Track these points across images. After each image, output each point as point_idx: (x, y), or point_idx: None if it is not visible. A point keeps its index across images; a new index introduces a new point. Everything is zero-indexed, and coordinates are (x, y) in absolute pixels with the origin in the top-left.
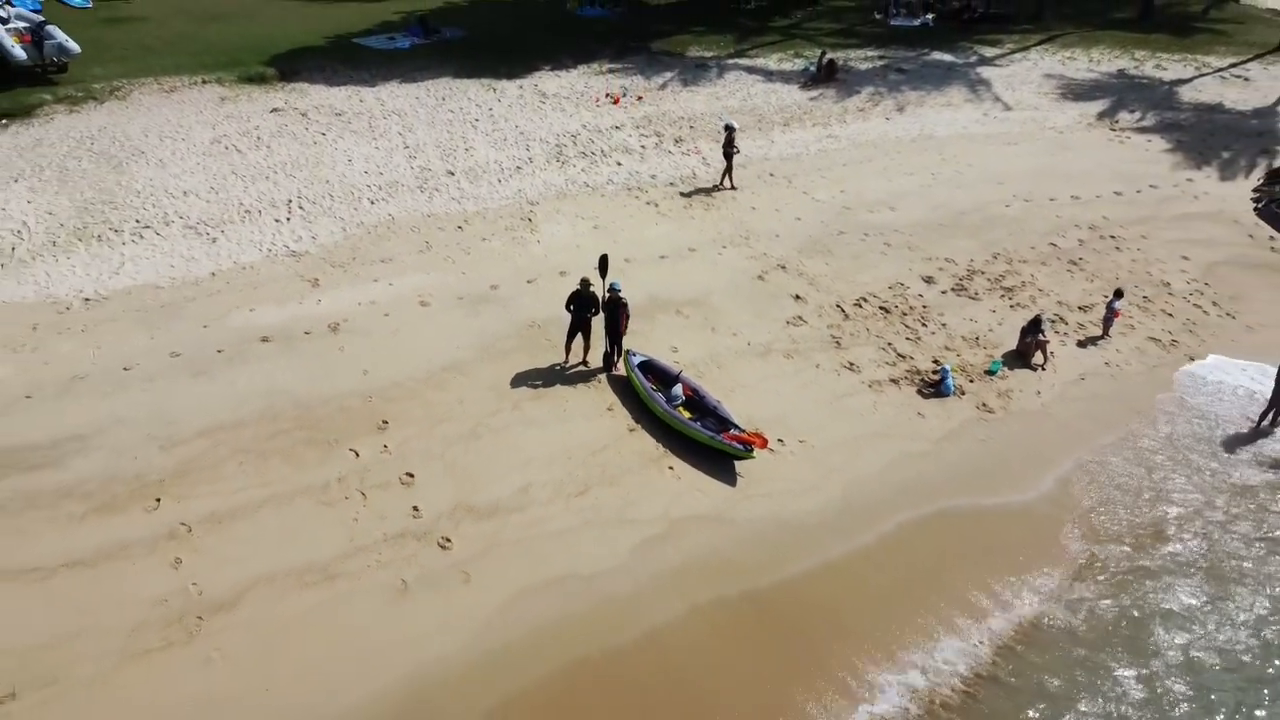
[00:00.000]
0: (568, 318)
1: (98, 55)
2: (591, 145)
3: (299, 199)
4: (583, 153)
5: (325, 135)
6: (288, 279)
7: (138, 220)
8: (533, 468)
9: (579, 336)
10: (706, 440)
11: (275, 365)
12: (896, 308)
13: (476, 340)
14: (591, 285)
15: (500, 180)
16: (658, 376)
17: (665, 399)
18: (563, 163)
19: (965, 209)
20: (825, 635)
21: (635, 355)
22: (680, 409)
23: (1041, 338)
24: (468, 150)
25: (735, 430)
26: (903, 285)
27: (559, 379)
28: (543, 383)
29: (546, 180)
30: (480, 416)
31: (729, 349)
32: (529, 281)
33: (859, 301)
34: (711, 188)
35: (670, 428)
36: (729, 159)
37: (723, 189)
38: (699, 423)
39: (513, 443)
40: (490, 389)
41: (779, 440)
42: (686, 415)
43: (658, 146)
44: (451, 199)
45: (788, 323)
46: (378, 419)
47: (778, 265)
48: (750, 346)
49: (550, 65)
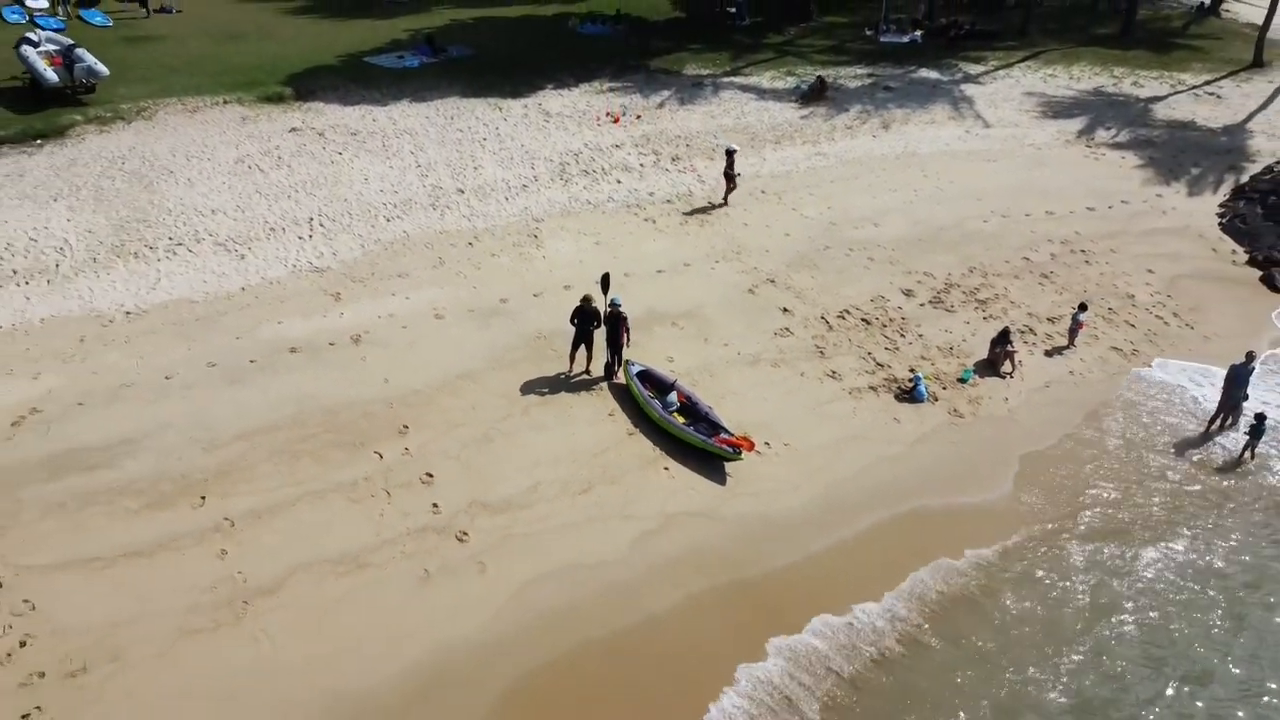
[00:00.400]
0: (572, 330)
1: (122, 75)
2: (593, 163)
3: (319, 217)
4: (585, 171)
5: (342, 155)
6: (312, 293)
7: (170, 238)
8: (541, 468)
9: (582, 347)
10: (699, 443)
11: (303, 374)
12: (877, 319)
13: (487, 351)
14: (593, 301)
15: (507, 198)
16: (655, 384)
17: (661, 405)
18: (566, 181)
19: (945, 224)
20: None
21: (634, 365)
22: (675, 415)
23: (1009, 348)
24: (476, 169)
25: (725, 434)
26: (883, 298)
27: (564, 387)
28: (549, 390)
29: (551, 198)
30: (492, 421)
31: (721, 359)
32: (535, 295)
33: (842, 314)
34: (713, 206)
35: (666, 432)
36: (730, 180)
37: (735, 204)
38: (692, 427)
39: (522, 445)
40: (501, 396)
41: (765, 443)
42: (681, 420)
43: (656, 164)
44: (462, 216)
45: (775, 334)
46: (398, 424)
47: (767, 279)
48: (740, 356)
49: (553, 84)
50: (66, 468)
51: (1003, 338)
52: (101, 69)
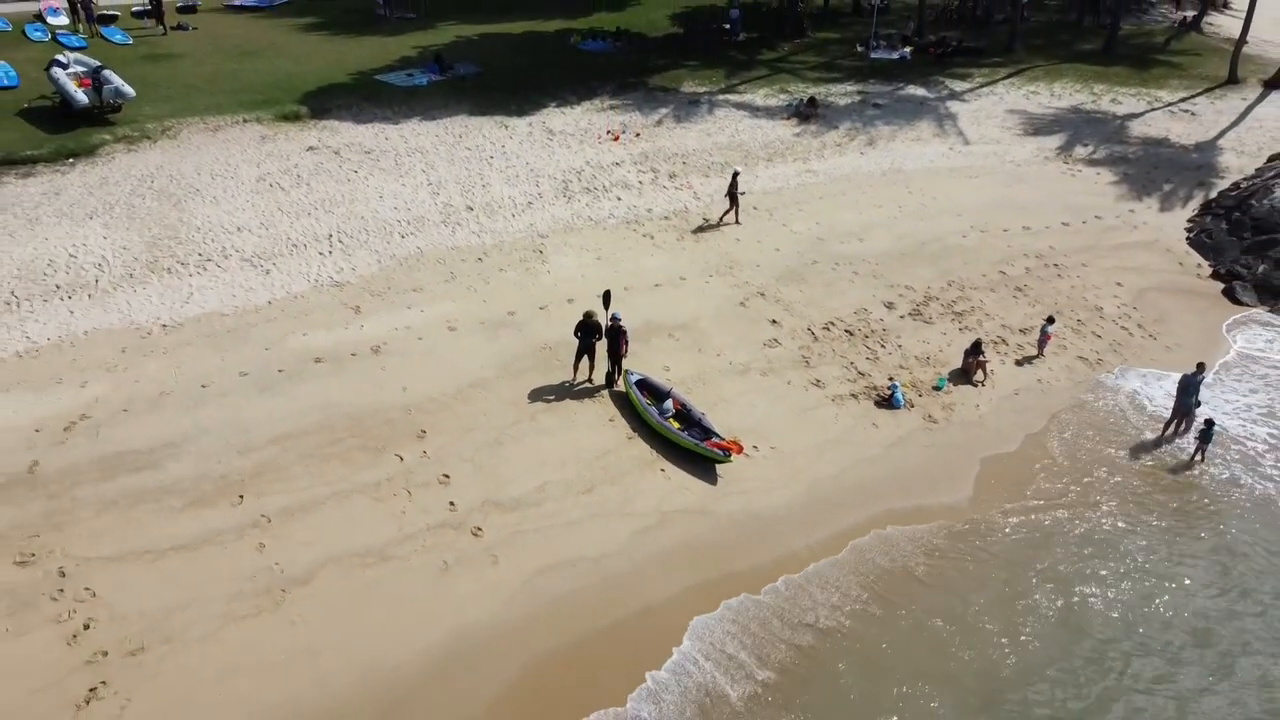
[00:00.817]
0: (575, 342)
1: (146, 93)
2: (594, 181)
3: (338, 233)
4: (586, 188)
5: (357, 173)
6: (333, 307)
7: (200, 254)
8: (547, 469)
9: (585, 358)
10: (692, 447)
11: (328, 383)
12: (859, 331)
13: (497, 360)
14: (595, 315)
15: (514, 215)
16: (652, 392)
17: (658, 412)
18: (569, 198)
19: (926, 239)
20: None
21: (633, 374)
22: (671, 420)
23: (981, 358)
24: (484, 187)
25: (716, 438)
26: (866, 310)
27: (568, 394)
28: (554, 397)
29: (555, 215)
30: (502, 426)
31: (713, 368)
32: (541, 308)
33: (827, 325)
34: (708, 222)
35: (662, 436)
36: (734, 199)
37: (731, 223)
38: (686, 432)
39: (530, 448)
40: (510, 403)
41: (753, 447)
42: (676, 426)
43: (654, 182)
44: (472, 233)
45: (765, 345)
46: (417, 429)
47: (758, 293)
48: (732, 366)
49: (556, 102)
50: (116, 469)
51: (975, 348)
52: (128, 90)
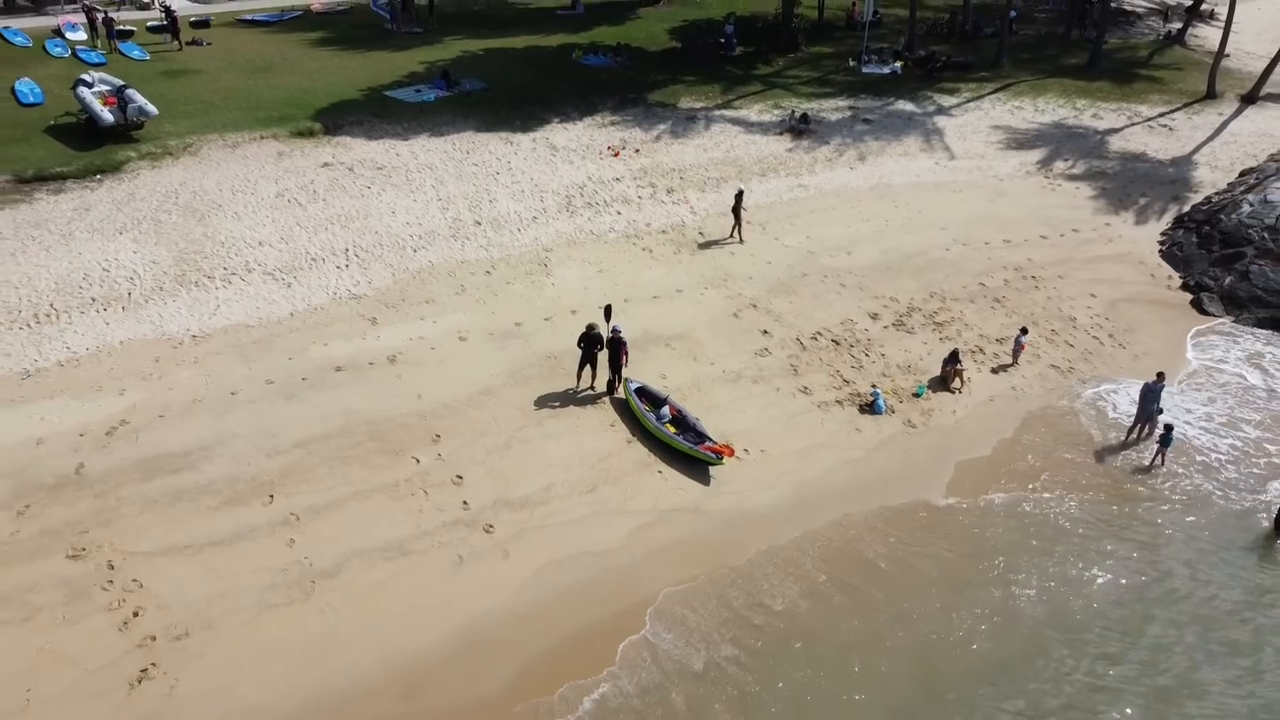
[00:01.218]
0: (579, 352)
1: (166, 110)
2: (596, 196)
3: (354, 248)
4: (588, 203)
5: (370, 189)
6: (351, 318)
7: (225, 268)
8: (553, 471)
9: (588, 367)
10: (687, 450)
11: (348, 390)
12: (845, 340)
13: (505, 369)
14: (597, 328)
15: (519, 229)
16: (650, 399)
17: (655, 417)
18: (571, 213)
19: (911, 252)
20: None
21: (632, 382)
22: (667, 425)
23: (959, 366)
24: (491, 202)
25: (709, 442)
26: (852, 321)
27: (572, 401)
28: (559, 404)
29: (558, 229)
30: (511, 430)
31: (707, 376)
32: (546, 319)
33: (815, 335)
34: (701, 234)
35: (659, 440)
36: (738, 216)
37: (732, 240)
38: (682, 436)
39: (537, 451)
40: (518, 409)
41: (744, 450)
42: (672, 430)
43: (652, 197)
44: (480, 247)
45: (756, 354)
46: (432, 433)
47: (750, 304)
48: (725, 374)
49: (559, 117)
50: (155, 470)
51: (953, 357)
52: (151, 109)
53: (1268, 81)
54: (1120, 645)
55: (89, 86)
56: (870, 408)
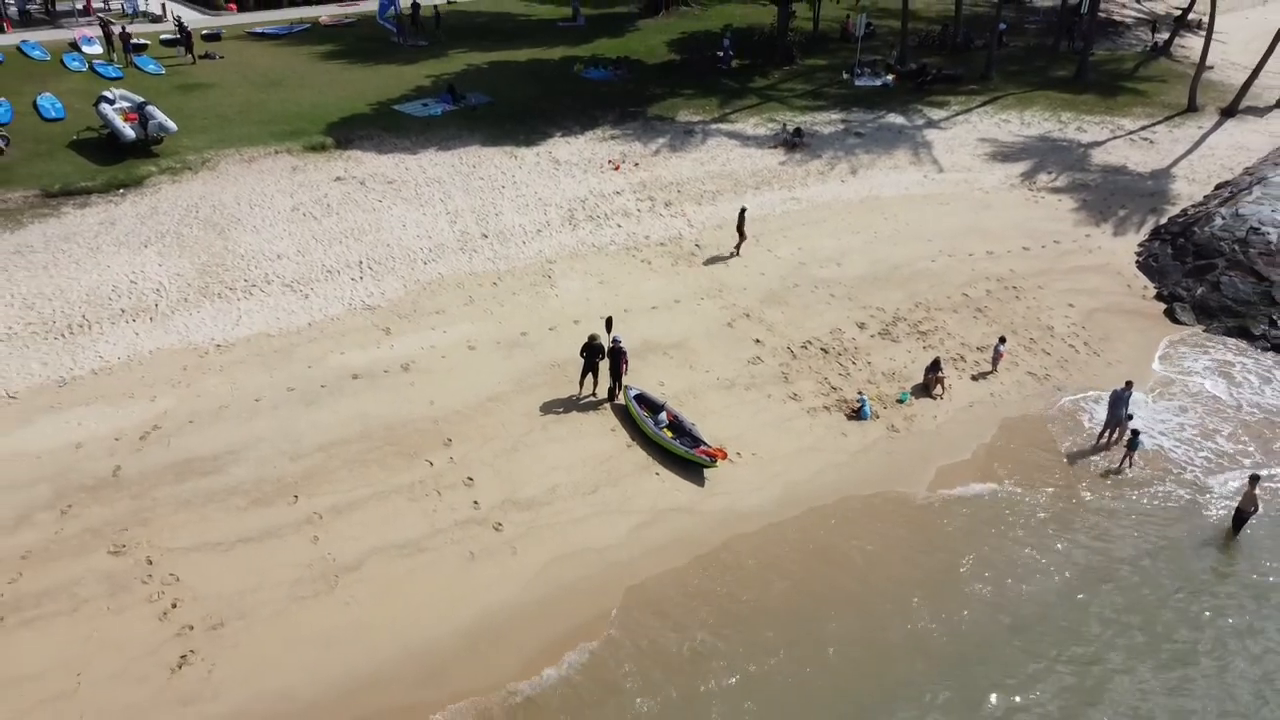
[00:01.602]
0: (582, 361)
1: (183, 124)
2: (597, 209)
3: (368, 260)
4: (590, 216)
5: (381, 202)
6: (366, 328)
7: (245, 280)
8: (557, 473)
9: (590, 375)
10: (683, 453)
11: (365, 397)
12: (834, 349)
13: (512, 377)
14: (599, 338)
15: (524, 242)
16: (648, 405)
17: (654, 423)
18: (574, 226)
19: (898, 263)
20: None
21: (632, 389)
22: (665, 430)
23: (940, 374)
24: (497, 215)
25: (704, 446)
26: (841, 330)
27: (575, 407)
28: (563, 410)
29: (561, 241)
30: (518, 435)
31: (703, 383)
32: (550, 329)
33: (805, 344)
34: (697, 248)
35: (657, 444)
36: (742, 233)
37: (735, 255)
38: (678, 440)
39: (542, 455)
40: (524, 414)
41: (737, 453)
42: (669, 435)
43: (651, 210)
44: (487, 259)
45: (749, 362)
46: (444, 437)
47: (744, 314)
48: (719, 381)
49: (561, 132)
50: (187, 473)
51: (935, 365)
52: (170, 124)
53: (1247, 94)
54: (1078, 642)
55: (110, 103)
56: (856, 413)
